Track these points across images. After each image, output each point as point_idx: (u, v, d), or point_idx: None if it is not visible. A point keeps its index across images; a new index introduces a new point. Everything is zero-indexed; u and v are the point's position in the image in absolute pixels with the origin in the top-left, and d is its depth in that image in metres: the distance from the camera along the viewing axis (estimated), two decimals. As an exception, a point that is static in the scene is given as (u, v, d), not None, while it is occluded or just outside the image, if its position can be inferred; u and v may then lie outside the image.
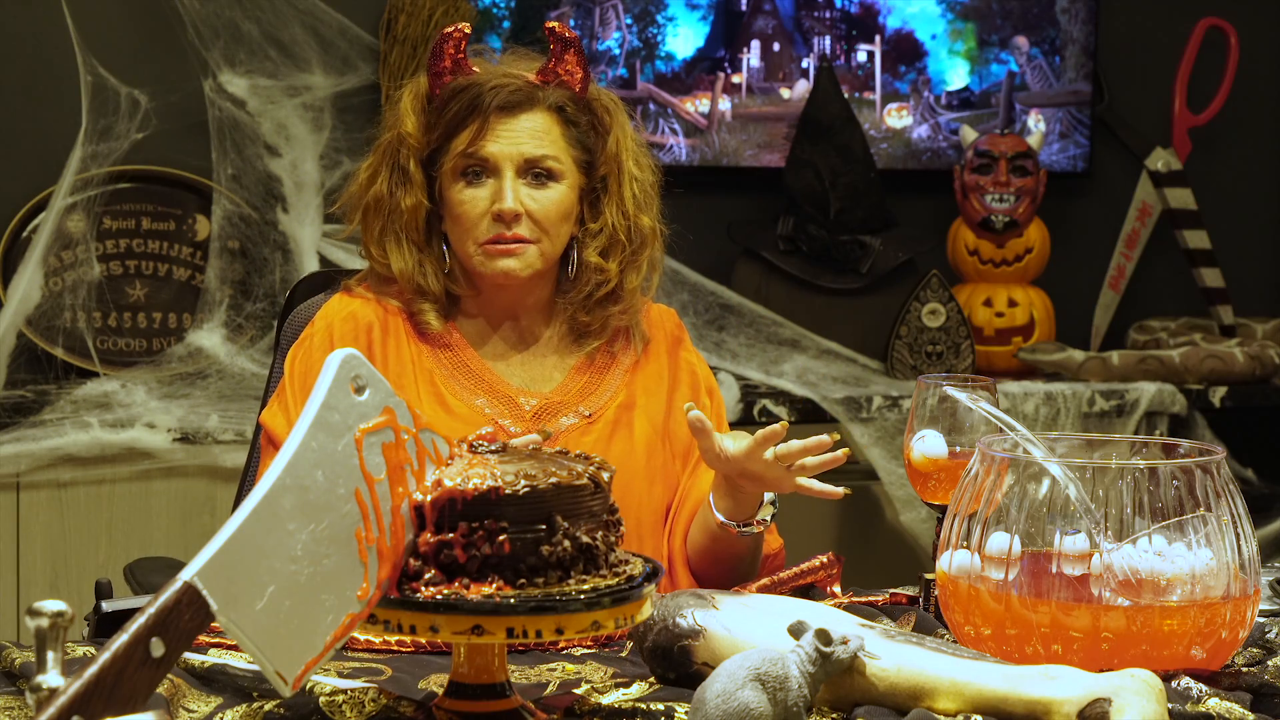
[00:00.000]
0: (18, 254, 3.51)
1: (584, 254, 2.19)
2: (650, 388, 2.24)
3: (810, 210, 4.01)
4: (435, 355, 2.19)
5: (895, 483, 3.65)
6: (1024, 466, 1.69)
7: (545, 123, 2.16)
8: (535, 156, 2.15)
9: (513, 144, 2.14)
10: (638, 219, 2.21)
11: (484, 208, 2.14)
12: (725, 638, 1.62)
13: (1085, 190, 4.45)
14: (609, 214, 2.20)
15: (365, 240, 2.22)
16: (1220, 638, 1.65)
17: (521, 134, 2.15)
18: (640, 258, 2.22)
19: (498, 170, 2.14)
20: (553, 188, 2.16)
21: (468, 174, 2.16)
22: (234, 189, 3.64)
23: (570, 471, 1.50)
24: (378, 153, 2.22)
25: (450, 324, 2.22)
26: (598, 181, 2.20)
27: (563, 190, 2.16)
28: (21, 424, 3.24)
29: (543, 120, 2.16)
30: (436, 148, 2.17)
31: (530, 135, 2.15)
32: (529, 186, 2.15)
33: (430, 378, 2.17)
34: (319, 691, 1.58)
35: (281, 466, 1.39)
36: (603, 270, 2.19)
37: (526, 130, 2.15)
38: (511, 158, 2.14)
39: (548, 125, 2.17)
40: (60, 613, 1.26)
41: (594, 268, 2.19)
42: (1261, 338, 4.25)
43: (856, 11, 4.21)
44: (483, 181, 2.15)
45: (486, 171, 2.15)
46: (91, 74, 3.53)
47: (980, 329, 4.05)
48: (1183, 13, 4.42)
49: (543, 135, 2.16)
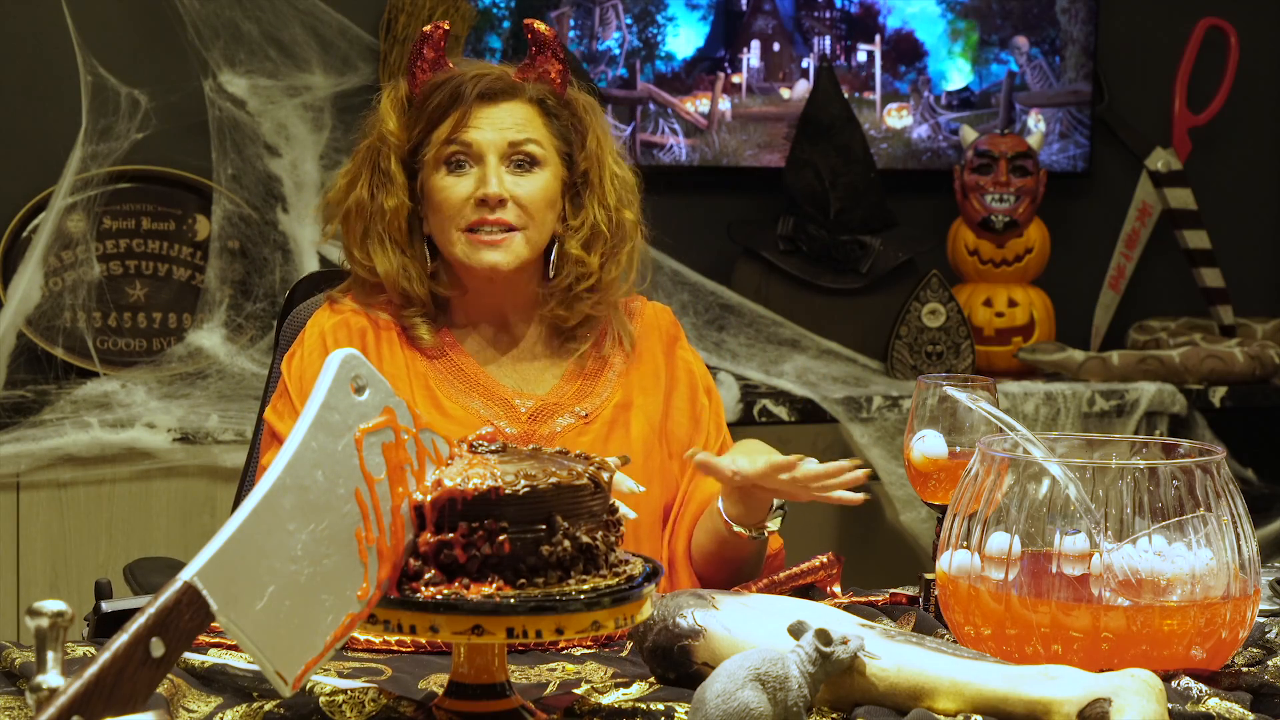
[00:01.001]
0: (18, 254, 3.51)
1: (566, 246, 2.19)
2: (647, 387, 2.24)
3: (810, 210, 4.01)
4: (428, 361, 2.19)
5: (895, 483, 3.65)
6: (1024, 466, 1.69)
7: (527, 112, 2.17)
8: (519, 140, 2.15)
9: (496, 130, 2.15)
10: (620, 212, 2.21)
11: (467, 193, 2.14)
12: (725, 638, 1.62)
13: (1085, 190, 4.45)
14: (591, 208, 2.20)
15: (347, 244, 2.22)
16: (1220, 638, 1.65)
17: (503, 120, 2.16)
18: (621, 251, 2.22)
19: (481, 157, 2.15)
20: (536, 173, 2.16)
21: (450, 163, 2.16)
22: (234, 189, 3.64)
23: (570, 471, 1.50)
24: (357, 158, 2.22)
25: (442, 332, 2.21)
26: (578, 176, 2.21)
27: (546, 177, 2.17)
28: (21, 424, 3.24)
29: (524, 110, 2.17)
30: (418, 142, 2.18)
31: (513, 122, 2.16)
32: (512, 173, 2.15)
33: (425, 381, 2.17)
34: (319, 691, 1.58)
35: (281, 466, 1.39)
36: (584, 263, 2.19)
37: (509, 118, 2.16)
38: (495, 144, 2.15)
39: (529, 115, 2.17)
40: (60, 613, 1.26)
41: (575, 260, 2.19)
42: (1261, 338, 4.25)
43: (856, 11, 4.21)
44: (466, 170, 2.15)
45: (470, 159, 2.15)
46: (91, 74, 3.53)
47: (980, 329, 4.05)
48: (1183, 13, 4.42)
49: (525, 123, 2.17)
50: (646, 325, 2.28)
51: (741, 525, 2.08)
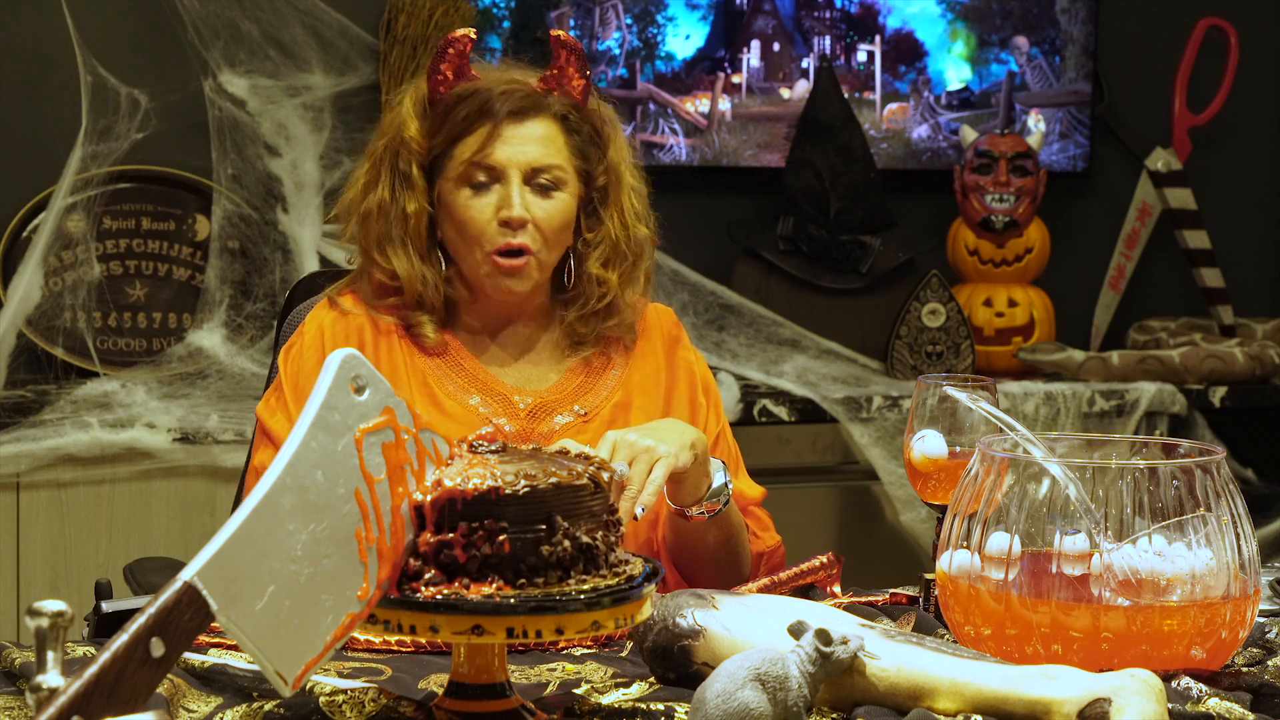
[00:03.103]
0: (18, 254, 3.51)
1: (586, 265, 2.19)
2: (647, 387, 2.24)
3: (810, 210, 4.01)
4: (428, 358, 2.19)
5: (895, 483, 3.65)
6: (1024, 466, 1.69)
7: (550, 130, 2.16)
8: (543, 165, 2.14)
9: (520, 150, 2.14)
10: (635, 229, 2.21)
11: (490, 214, 2.14)
12: (725, 638, 1.62)
13: (1085, 190, 4.45)
14: (610, 224, 2.20)
15: (364, 246, 2.21)
16: (1220, 638, 1.65)
17: (529, 141, 2.15)
18: (637, 270, 2.23)
19: (504, 176, 2.14)
20: (557, 197, 2.16)
21: (473, 181, 2.15)
22: (234, 189, 3.64)
23: (570, 471, 1.50)
24: (374, 158, 2.21)
25: (446, 333, 2.21)
26: (595, 191, 2.20)
27: (566, 199, 2.16)
28: (21, 424, 3.24)
29: (548, 127, 2.16)
30: (440, 152, 2.17)
31: (537, 142, 2.15)
32: (534, 194, 2.15)
33: (423, 378, 2.17)
34: (319, 691, 1.58)
35: (281, 466, 1.39)
36: (604, 283, 2.19)
37: (534, 137, 2.15)
38: (519, 164, 2.14)
39: (553, 133, 2.16)
40: (60, 613, 1.26)
41: (596, 279, 2.19)
42: (1261, 338, 4.25)
43: (856, 11, 4.21)
44: (489, 189, 2.15)
45: (492, 178, 2.15)
46: (91, 74, 3.53)
47: (980, 329, 4.05)
48: (1183, 13, 4.42)
49: (549, 143, 2.15)
50: (648, 326, 2.28)
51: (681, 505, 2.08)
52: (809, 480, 3.72)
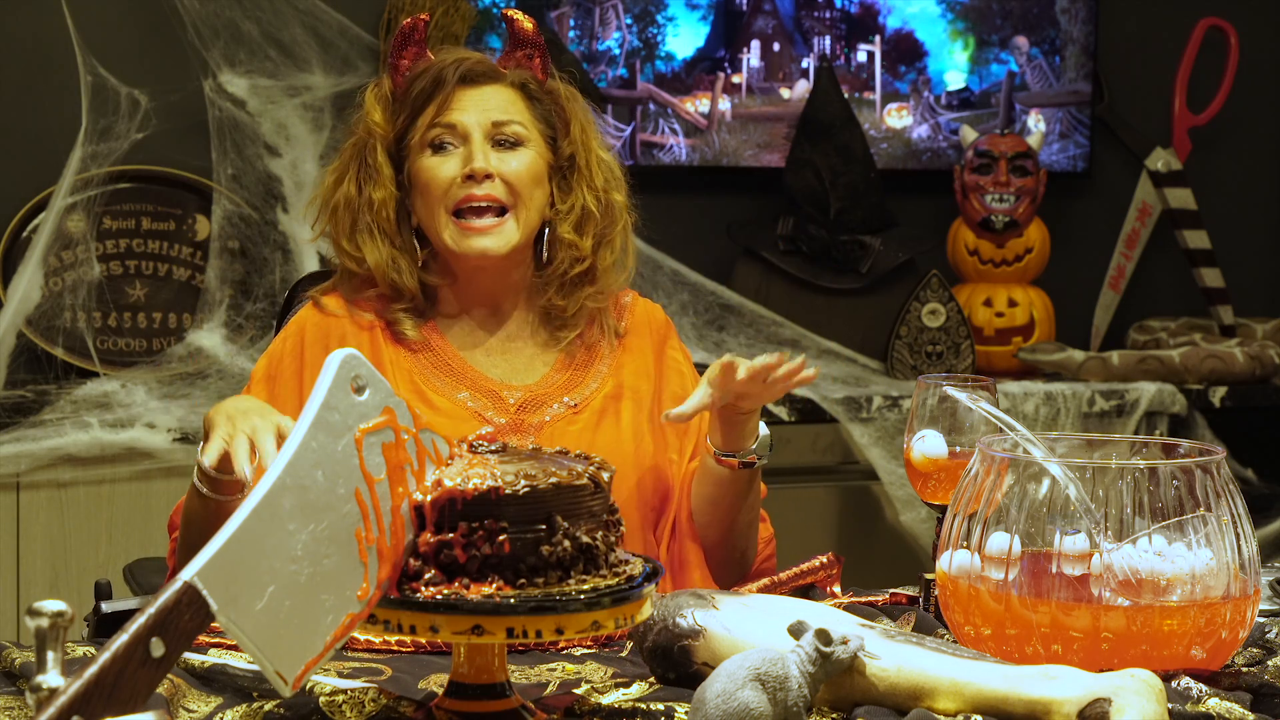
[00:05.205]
0: (18, 254, 3.51)
1: (558, 230, 2.20)
2: (638, 380, 2.24)
3: (810, 210, 4.01)
4: (413, 356, 2.19)
5: (895, 483, 3.65)
6: (1024, 466, 1.69)
7: (509, 95, 2.20)
8: (502, 120, 2.17)
9: (479, 111, 2.17)
10: (609, 195, 2.23)
11: (454, 173, 2.16)
12: (725, 638, 1.62)
13: (1085, 190, 4.45)
14: (579, 191, 2.21)
15: (336, 238, 2.23)
16: (1220, 638, 1.65)
17: (487, 102, 2.18)
18: (613, 233, 2.24)
19: (466, 136, 2.17)
20: (521, 152, 2.18)
21: (435, 144, 2.17)
22: (234, 189, 3.64)
23: (570, 471, 1.50)
24: (344, 155, 2.24)
25: (428, 326, 2.21)
26: (564, 161, 2.22)
27: (532, 155, 2.18)
28: (21, 424, 3.24)
29: (506, 93, 2.20)
30: (403, 130, 2.19)
31: (496, 104, 2.18)
32: (498, 151, 2.16)
33: (409, 376, 2.17)
34: (319, 691, 1.58)
35: (281, 466, 1.39)
36: (576, 246, 2.20)
37: (492, 99, 2.18)
38: (479, 123, 2.17)
39: (511, 97, 2.20)
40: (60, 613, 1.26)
41: (568, 244, 2.20)
42: (1261, 338, 4.25)
43: (856, 11, 4.21)
44: (451, 150, 2.17)
45: (455, 140, 2.17)
46: (91, 74, 3.53)
47: (980, 329, 4.05)
48: (1183, 13, 4.42)
49: (508, 105, 2.19)
50: (638, 321, 2.28)
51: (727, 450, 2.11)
52: (809, 480, 3.72)
